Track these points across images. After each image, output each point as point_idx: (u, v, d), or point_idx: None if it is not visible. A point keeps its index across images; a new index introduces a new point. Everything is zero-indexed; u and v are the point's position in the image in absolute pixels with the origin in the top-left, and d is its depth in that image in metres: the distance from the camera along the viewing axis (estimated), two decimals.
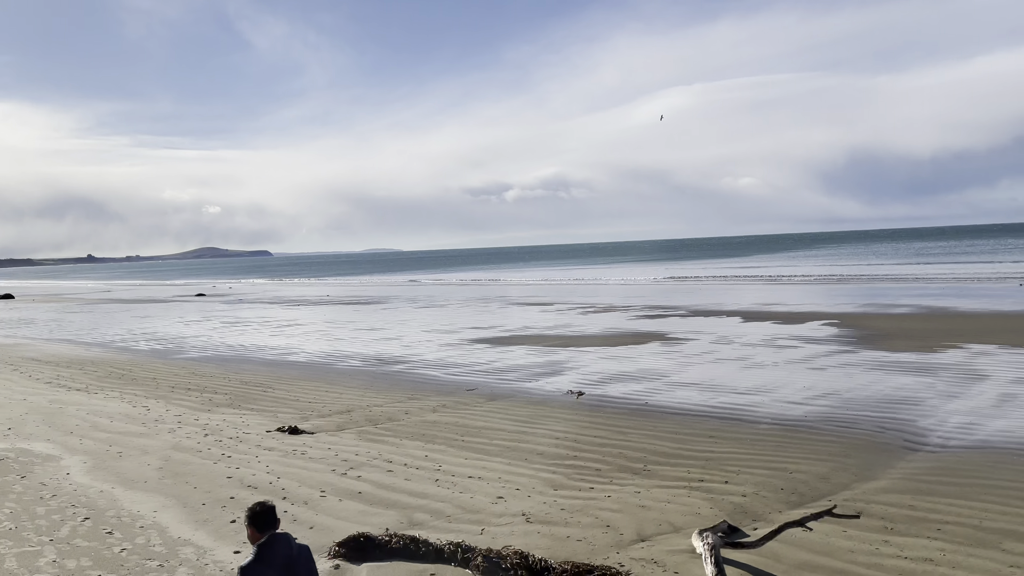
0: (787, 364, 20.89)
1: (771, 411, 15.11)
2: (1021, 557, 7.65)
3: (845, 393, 16.60)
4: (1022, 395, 15.66)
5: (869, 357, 21.43)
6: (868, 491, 9.97)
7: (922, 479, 10.40)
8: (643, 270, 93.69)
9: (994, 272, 59.77)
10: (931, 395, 16.04)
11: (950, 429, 13.20)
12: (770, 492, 9.99)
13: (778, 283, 60.40)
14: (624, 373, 20.34)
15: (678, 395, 17.10)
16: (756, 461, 11.51)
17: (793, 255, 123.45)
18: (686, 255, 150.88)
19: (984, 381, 17.31)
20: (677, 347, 25.16)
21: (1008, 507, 9.15)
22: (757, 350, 23.78)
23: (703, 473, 10.94)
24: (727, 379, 18.91)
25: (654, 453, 12.15)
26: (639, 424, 14.30)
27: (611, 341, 27.31)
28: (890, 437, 12.83)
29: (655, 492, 10.06)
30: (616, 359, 22.99)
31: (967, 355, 21.06)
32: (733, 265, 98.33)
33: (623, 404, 16.31)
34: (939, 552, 7.81)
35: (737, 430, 13.63)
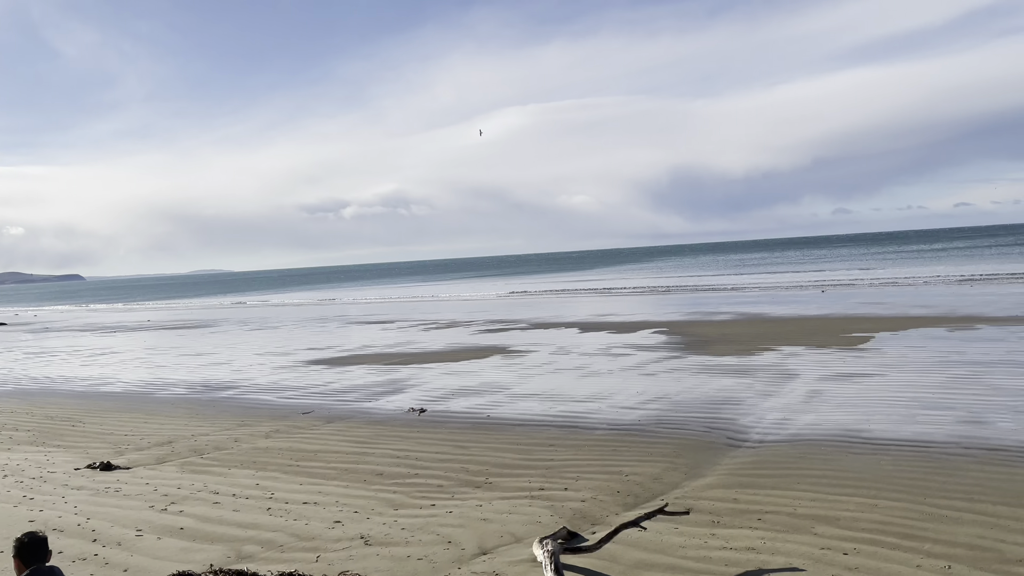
0: (621, 371, 21.69)
1: (607, 417, 15.58)
2: (831, 540, 8.25)
3: (674, 396, 17.44)
4: (826, 391, 17.10)
5: (695, 362, 22.70)
6: (697, 488, 10.44)
7: (744, 473, 11.04)
8: (485, 285, 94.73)
9: (800, 280, 65.50)
10: (750, 395, 17.16)
11: (767, 425, 14.15)
12: (607, 496, 10.23)
13: (612, 295, 63.01)
14: (466, 388, 20.31)
15: (519, 406, 17.26)
16: (594, 466, 11.78)
17: (625, 268, 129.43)
18: (526, 270, 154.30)
19: (795, 379, 18.77)
20: (518, 359, 25.51)
21: (818, 494, 9.87)
22: (594, 359, 24.56)
23: (544, 482, 11.05)
24: (566, 388, 19.35)
25: (496, 465, 12.14)
26: (481, 437, 14.27)
27: (453, 357, 27.27)
28: (715, 436, 13.56)
29: (497, 504, 10.02)
30: (458, 374, 22.94)
31: (780, 356, 22.79)
32: (571, 279, 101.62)
33: (465, 418, 16.24)
34: (760, 540, 8.27)
35: (576, 437, 13.92)
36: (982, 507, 9.05)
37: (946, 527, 8.44)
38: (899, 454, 11.68)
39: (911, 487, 9.95)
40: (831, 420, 14.19)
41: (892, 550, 7.85)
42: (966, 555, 7.66)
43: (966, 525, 8.48)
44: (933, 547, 7.89)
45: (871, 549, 7.90)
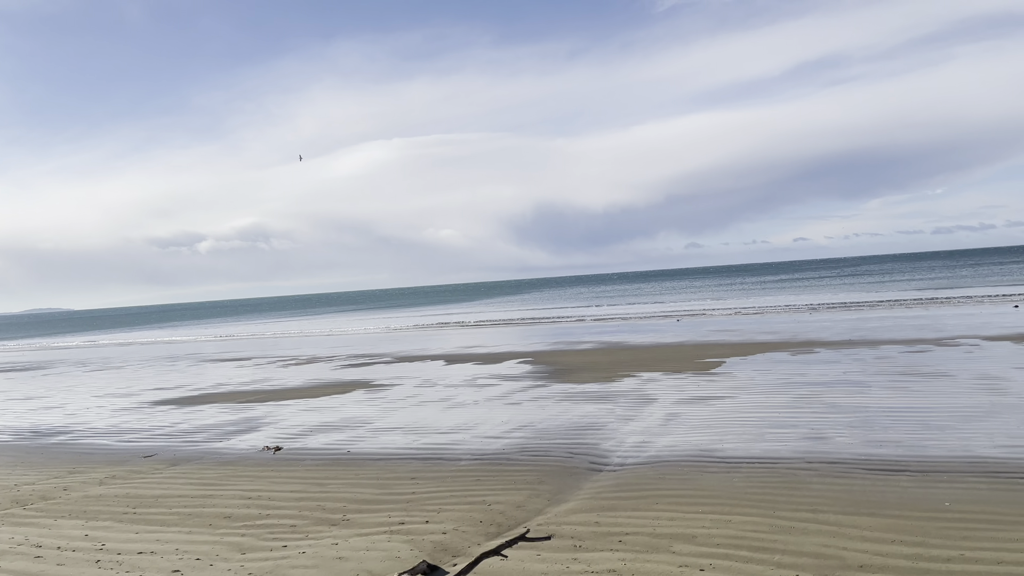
0: (487, 401, 21.57)
1: (471, 447, 15.35)
2: (688, 557, 8.35)
3: (538, 424, 17.46)
4: (683, 414, 17.65)
5: (559, 389, 22.93)
6: (559, 513, 10.37)
7: (605, 497, 11.09)
8: (350, 320, 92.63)
9: (657, 311, 68.25)
10: (611, 419, 17.45)
11: (627, 449, 14.38)
12: (470, 526, 9.97)
13: (479, 327, 63.16)
14: (326, 424, 19.52)
15: (381, 440, 16.73)
16: (456, 497, 11.50)
17: (492, 301, 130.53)
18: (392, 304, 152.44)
19: (653, 404, 19.29)
20: (382, 393, 24.87)
21: (675, 513, 10.04)
22: (459, 390, 24.32)
23: (404, 516, 10.64)
24: (430, 421, 18.98)
25: (354, 501, 11.61)
26: (340, 473, 13.67)
27: (313, 392, 26.25)
28: (578, 461, 13.62)
29: (354, 541, 9.53)
30: (318, 410, 22.06)
31: (639, 382, 23.43)
32: (438, 312, 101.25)
33: (324, 455, 15.54)
34: (621, 562, 8.26)
35: (439, 469, 13.59)
36: (825, 517, 9.48)
37: (794, 538, 8.76)
38: (750, 471, 12.13)
39: (761, 502, 10.31)
40: (687, 441, 14.62)
41: (745, 563, 8.04)
42: (812, 563, 7.95)
43: (812, 535, 8.84)
44: (783, 558, 8.15)
45: (726, 564, 8.06)
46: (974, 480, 10.89)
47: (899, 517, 9.34)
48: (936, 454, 12.51)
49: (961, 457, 12.24)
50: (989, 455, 12.26)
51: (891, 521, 9.19)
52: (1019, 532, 8.59)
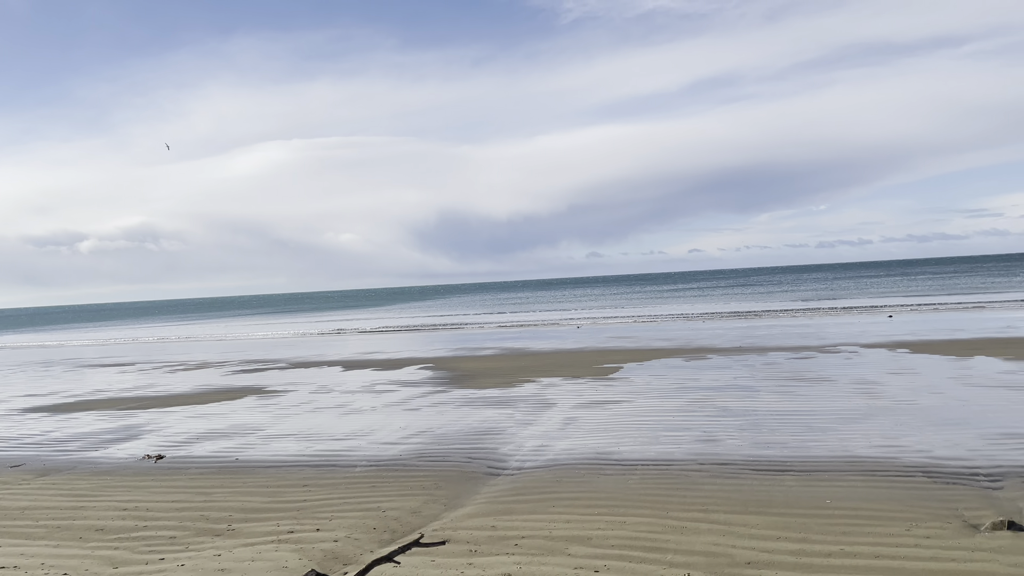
0: (385, 407, 21.16)
1: (367, 453, 14.98)
2: (583, 559, 8.35)
3: (437, 430, 17.23)
4: (580, 417, 17.81)
5: (459, 395, 22.75)
6: (456, 518, 10.20)
7: (502, 501, 11.00)
8: (243, 324, 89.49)
9: (558, 318, 69.10)
10: (511, 424, 17.42)
11: (526, 453, 14.36)
12: (363, 533, 9.67)
13: (379, 333, 62.20)
14: (214, 431, 18.66)
15: (273, 447, 16.11)
16: (350, 504, 11.15)
17: (394, 307, 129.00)
18: (289, 309, 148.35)
19: (552, 408, 19.39)
20: (274, 399, 24.04)
21: (572, 515, 10.05)
22: (356, 396, 23.78)
23: (294, 524, 10.22)
24: (325, 427, 18.44)
25: (241, 510, 11.08)
26: (226, 482, 13.04)
27: (201, 399, 25.10)
28: (476, 466, 13.49)
29: (238, 552, 9.06)
30: (205, 417, 21.08)
31: (539, 387, 23.53)
32: (337, 318, 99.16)
33: (210, 463, 14.82)
34: (516, 566, 8.17)
35: (332, 476, 13.17)
36: (716, 516, 9.70)
37: (685, 537, 8.90)
38: (645, 472, 12.31)
39: (655, 503, 10.45)
40: (585, 445, 14.73)
41: (639, 563, 8.10)
42: (703, 562, 8.08)
43: (703, 534, 9.01)
44: (675, 557, 8.26)
45: (620, 564, 8.09)
46: (853, 479, 11.40)
47: (784, 515, 9.65)
48: (818, 454, 13.05)
49: (841, 457, 12.80)
50: (866, 455, 12.88)
51: (777, 519, 9.48)
52: (895, 527, 9.01)
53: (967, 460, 12.25)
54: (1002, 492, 10.39)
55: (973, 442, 13.47)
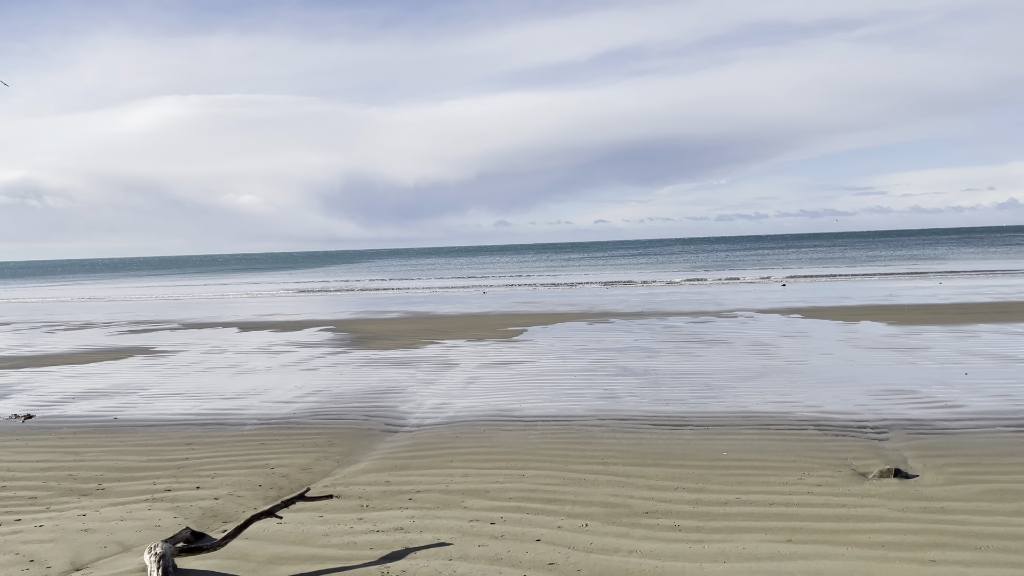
0: (281, 368, 20.34)
1: (259, 412, 14.27)
2: (479, 511, 8.08)
3: (335, 389, 16.63)
4: (482, 377, 17.55)
5: (360, 356, 22.12)
6: (349, 474, 9.75)
7: (399, 456, 10.61)
8: (135, 285, 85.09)
9: (465, 284, 68.75)
10: (412, 383, 16.99)
11: (426, 411, 13.99)
12: (247, 491, 9.10)
13: (280, 297, 60.29)
14: (93, 390, 17.46)
15: (156, 406, 15.16)
16: (236, 462, 10.52)
17: (296, 271, 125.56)
18: (186, 271, 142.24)
19: (455, 368, 19.06)
20: (163, 359, 22.77)
21: (470, 470, 9.76)
22: (251, 357, 22.80)
23: (172, 482, 9.54)
24: (215, 387, 17.52)
25: (114, 469, 10.28)
26: (101, 441, 12.13)
27: (82, 359, 23.53)
28: (373, 423, 13.03)
29: (106, 511, 8.35)
30: (85, 377, 19.73)
31: (442, 348, 23.15)
32: (236, 281, 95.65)
33: (85, 422, 13.79)
34: (410, 520, 7.82)
35: (219, 434, 12.44)
36: (615, 469, 9.61)
37: (584, 489, 8.75)
38: (545, 428, 12.16)
39: (555, 456, 10.29)
40: (486, 403, 14.48)
41: (536, 515, 7.89)
42: (601, 512, 7.94)
43: (602, 486, 8.88)
44: (573, 508, 8.09)
45: (517, 516, 7.86)
46: (749, 432, 11.57)
47: (682, 467, 9.65)
48: (716, 410, 13.22)
49: (737, 412, 13.01)
50: (761, 410, 13.13)
51: (675, 470, 9.47)
52: (788, 476, 9.13)
53: (855, 414, 12.64)
54: (888, 443, 10.73)
55: (860, 398, 13.94)
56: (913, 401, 13.55)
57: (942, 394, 14.10)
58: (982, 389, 14.46)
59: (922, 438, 10.95)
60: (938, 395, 14.01)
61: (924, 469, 9.34)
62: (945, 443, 10.63)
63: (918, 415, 12.47)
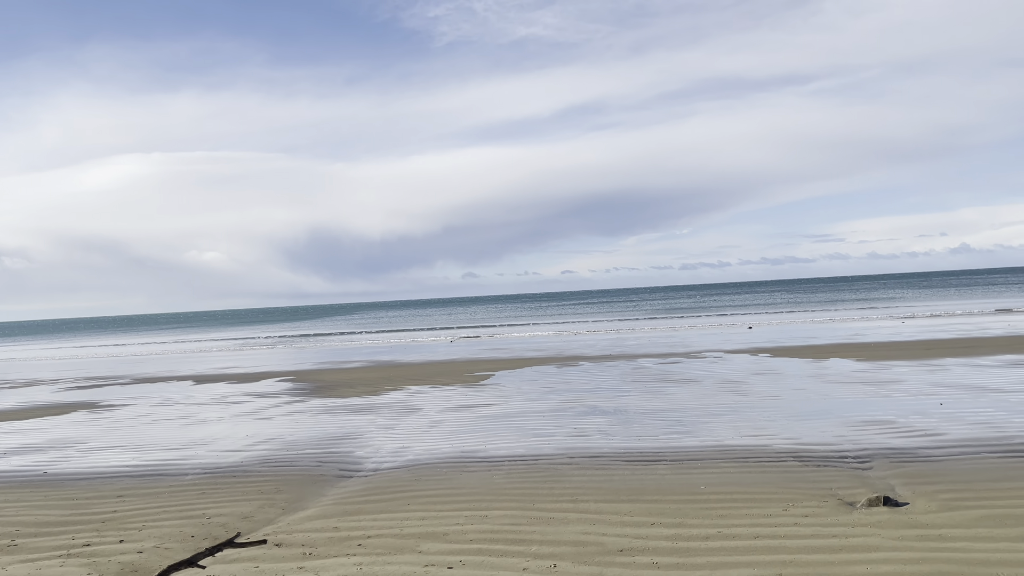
0: (233, 418, 19.27)
1: (203, 462, 13.26)
2: (436, 555, 7.26)
3: (288, 437, 15.67)
4: (447, 420, 16.71)
5: (318, 404, 21.13)
6: (294, 521, 8.86)
7: (351, 502, 9.74)
8: (91, 343, 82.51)
9: (432, 335, 67.77)
10: (371, 429, 16.09)
11: (384, 455, 13.11)
12: (177, 542, 8.15)
13: (240, 350, 58.70)
14: (26, 445, 16.25)
15: (92, 460, 14.06)
16: (169, 513, 9.55)
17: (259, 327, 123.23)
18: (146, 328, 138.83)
19: (417, 413, 18.18)
20: (108, 414, 21.52)
21: (428, 512, 8.94)
22: (203, 408, 21.66)
23: (94, 536, 8.55)
24: (160, 438, 16.43)
25: (32, 525, 9.25)
26: (24, 496, 11.05)
27: (21, 415, 22.18)
28: (326, 469, 12.13)
29: (14, 568, 7.36)
30: (20, 432, 18.46)
31: (406, 395, 22.24)
32: (197, 337, 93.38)
33: (10, 477, 12.66)
34: (356, 567, 6.97)
35: (155, 485, 11.43)
36: (585, 506, 8.85)
37: (553, 528, 7.98)
38: (512, 468, 11.37)
39: (521, 496, 9.51)
40: (450, 445, 13.65)
41: (500, 557, 7.09)
42: (571, 552, 7.18)
43: (572, 524, 8.12)
44: (540, 548, 7.31)
45: (478, 559, 7.06)
46: (726, 465, 10.90)
47: (658, 501, 8.93)
48: (690, 445, 12.56)
49: (712, 447, 12.35)
50: (738, 444, 12.49)
51: (650, 505, 8.75)
52: (771, 508, 8.45)
53: (835, 445, 12.06)
54: (872, 472, 10.13)
55: (838, 429, 13.39)
56: (892, 431, 13.04)
57: (921, 423, 13.61)
58: (960, 418, 14.02)
59: (907, 466, 10.38)
60: (917, 424, 13.52)
61: (914, 496, 8.74)
62: (932, 470, 10.06)
63: (899, 444, 11.93)
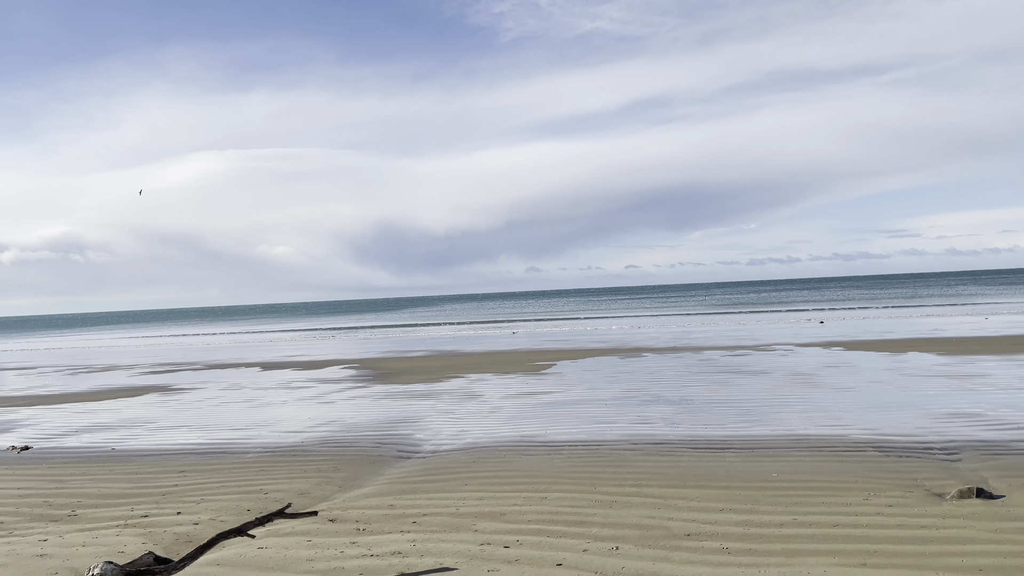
0: (296, 401, 19.43)
1: (265, 442, 13.30)
2: (492, 535, 6.98)
3: (349, 419, 15.65)
4: (506, 407, 16.46)
5: (380, 390, 21.15)
6: (349, 499, 8.70)
7: (407, 481, 9.55)
8: (167, 333, 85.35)
9: (495, 326, 67.77)
10: (431, 413, 15.95)
11: (443, 438, 12.93)
12: (233, 515, 8.08)
13: (307, 340, 59.77)
14: (98, 424, 16.66)
15: (159, 438, 14.28)
16: (228, 488, 9.53)
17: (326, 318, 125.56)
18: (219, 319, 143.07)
19: (477, 399, 17.98)
20: (177, 396, 21.99)
21: (485, 493, 8.67)
22: (268, 392, 21.94)
23: (153, 508, 8.56)
24: (226, 419, 16.63)
25: (94, 496, 9.34)
26: (91, 470, 11.22)
27: (96, 397, 22.85)
28: (385, 450, 11.99)
29: (70, 537, 7.39)
30: (94, 413, 18.98)
31: (467, 382, 22.09)
32: (267, 327, 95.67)
33: (79, 453, 12.92)
34: (410, 544, 6.74)
35: (217, 462, 11.48)
36: (649, 491, 8.44)
37: (615, 511, 7.60)
38: (572, 452, 11.02)
39: (582, 479, 9.15)
40: (509, 429, 13.37)
41: (559, 538, 6.76)
42: (634, 535, 6.79)
43: (635, 508, 7.73)
44: (601, 530, 6.95)
45: (536, 539, 6.74)
46: (799, 454, 10.32)
47: (727, 488, 8.45)
48: (760, 434, 11.98)
49: (784, 436, 11.75)
50: (812, 434, 11.85)
51: (719, 492, 8.28)
52: (851, 497, 7.89)
53: (918, 436, 11.32)
54: (961, 464, 9.43)
55: (921, 421, 12.60)
56: (982, 423, 12.19)
57: (1013, 417, 12.70)
58: None
59: (1000, 458, 9.63)
60: (1009, 418, 12.62)
61: (1010, 489, 8.05)
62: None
63: (990, 436, 11.12)
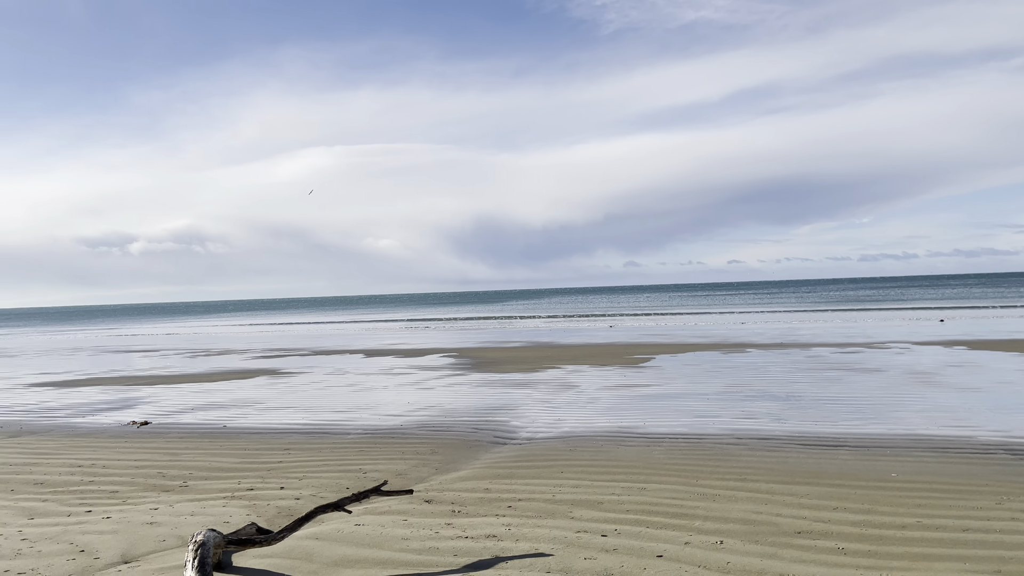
0: (397, 387, 19.76)
1: (365, 424, 13.54)
2: (589, 523, 6.77)
3: (447, 405, 15.76)
4: (604, 398, 16.17)
5: (477, 378, 21.26)
6: (445, 481, 8.68)
7: (504, 466, 9.46)
8: (277, 321, 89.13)
9: (592, 320, 67.26)
10: (528, 402, 15.87)
11: (539, 426, 12.80)
12: (332, 492, 8.19)
13: (409, 329, 61.04)
14: (212, 403, 17.42)
15: (267, 417, 14.78)
16: (329, 466, 9.70)
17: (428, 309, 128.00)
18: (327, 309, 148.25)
19: (574, 389, 17.78)
20: (286, 379, 22.79)
21: (582, 481, 8.46)
22: (371, 378, 22.43)
23: (258, 482, 8.80)
24: (329, 402, 17.07)
25: (204, 469, 9.70)
26: (203, 445, 11.70)
27: (212, 378, 23.98)
28: (481, 436, 11.97)
29: (180, 507, 7.65)
30: (209, 392, 19.89)
31: (564, 372, 21.92)
32: (371, 317, 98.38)
33: (194, 429, 13.52)
34: (505, 528, 6.62)
35: (320, 442, 11.75)
36: (755, 486, 8.03)
37: (719, 504, 7.26)
38: (672, 445, 10.67)
39: (683, 471, 8.81)
40: (607, 420, 13.11)
41: (659, 529, 6.49)
42: (740, 529, 6.44)
43: (740, 502, 7.36)
44: (704, 524, 6.63)
45: (635, 530, 6.49)
46: (921, 454, 9.62)
47: (840, 486, 7.94)
48: (876, 432, 11.26)
49: (903, 435, 11.00)
50: (935, 434, 11.05)
51: (832, 489, 7.78)
52: (980, 501, 7.25)
53: None
54: None
55: None
56: None
57: None
58: None
59: None
60: None
61: None
62: None
63: None
